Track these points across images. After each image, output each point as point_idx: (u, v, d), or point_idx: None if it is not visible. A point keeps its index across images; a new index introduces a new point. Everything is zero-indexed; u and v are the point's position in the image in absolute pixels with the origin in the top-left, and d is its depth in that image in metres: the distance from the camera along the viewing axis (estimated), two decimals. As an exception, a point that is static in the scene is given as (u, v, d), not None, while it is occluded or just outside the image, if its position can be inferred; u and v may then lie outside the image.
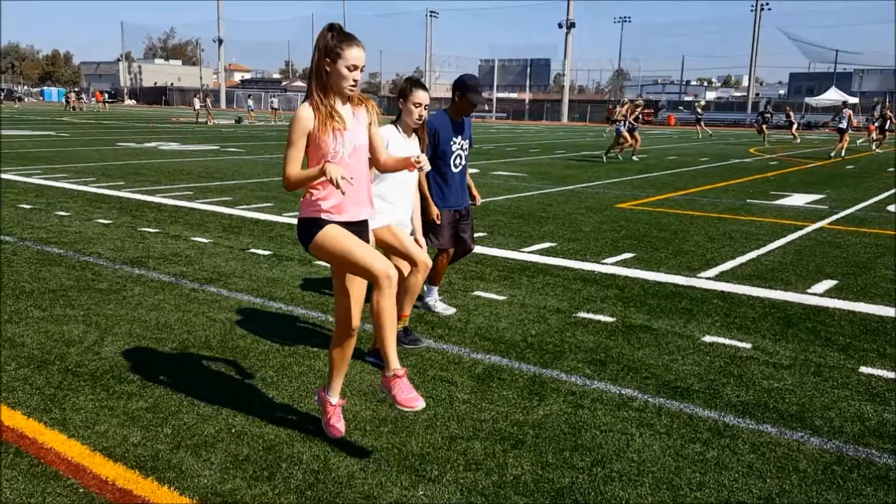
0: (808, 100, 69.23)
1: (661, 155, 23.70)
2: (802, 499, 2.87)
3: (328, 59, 2.96)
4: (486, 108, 67.44)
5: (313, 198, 3.06)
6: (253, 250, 7.17)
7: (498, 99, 77.11)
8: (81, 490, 2.80)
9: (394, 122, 4.26)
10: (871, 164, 21.56)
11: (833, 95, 66.71)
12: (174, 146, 21.94)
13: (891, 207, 11.73)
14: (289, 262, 6.74)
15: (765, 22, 55.59)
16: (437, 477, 2.97)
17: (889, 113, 26.36)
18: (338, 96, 3.04)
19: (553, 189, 13.23)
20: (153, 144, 22.33)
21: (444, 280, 5.92)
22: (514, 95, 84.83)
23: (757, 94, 76.20)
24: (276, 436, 3.30)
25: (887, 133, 26.59)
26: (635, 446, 3.28)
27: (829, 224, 9.87)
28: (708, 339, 4.81)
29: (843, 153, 23.85)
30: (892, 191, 14.26)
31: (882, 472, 3.09)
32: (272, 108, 49.87)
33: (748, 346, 4.69)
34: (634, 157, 20.81)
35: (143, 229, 8.11)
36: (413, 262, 4.24)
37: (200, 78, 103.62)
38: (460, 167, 4.87)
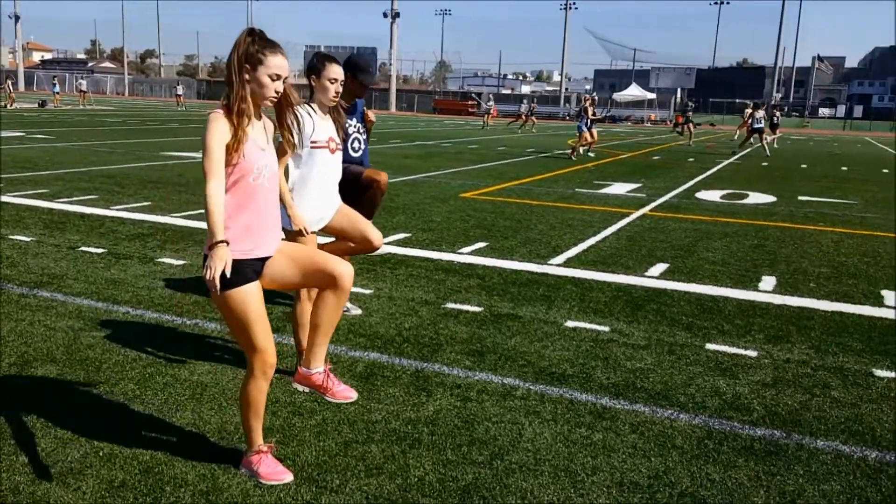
0: (614, 95, 74.59)
1: (492, 145, 24.51)
2: (686, 474, 3.07)
3: (248, 66, 2.64)
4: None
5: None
6: (84, 248, 6.52)
7: (324, 86, 75.71)
8: (-73, 540, 2.40)
9: (307, 102, 3.87)
10: (673, 154, 23.61)
11: (634, 91, 72.38)
12: (-36, 131, 19.48)
13: (698, 195, 12.89)
14: (127, 260, 6.20)
15: (574, 22, 59.26)
16: (338, 486, 2.86)
17: (776, 112, 28.04)
18: (255, 109, 2.70)
19: (396, 179, 13.22)
20: (-63, 129, 19.69)
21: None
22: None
23: (566, 89, 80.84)
24: (152, 456, 3.01)
25: (778, 130, 27.90)
26: (527, 435, 3.35)
27: (650, 211, 10.67)
28: (570, 323, 5.01)
29: (767, 150, 24.11)
30: (697, 179, 15.69)
31: (748, 443, 3.37)
32: (80, 91, 45.90)
33: (606, 329, 4.95)
34: (590, 153, 21.10)
35: (-56, 227, 7.12)
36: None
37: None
38: (360, 151, 4.58)
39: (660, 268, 6.86)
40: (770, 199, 12.59)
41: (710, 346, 4.71)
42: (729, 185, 14.62)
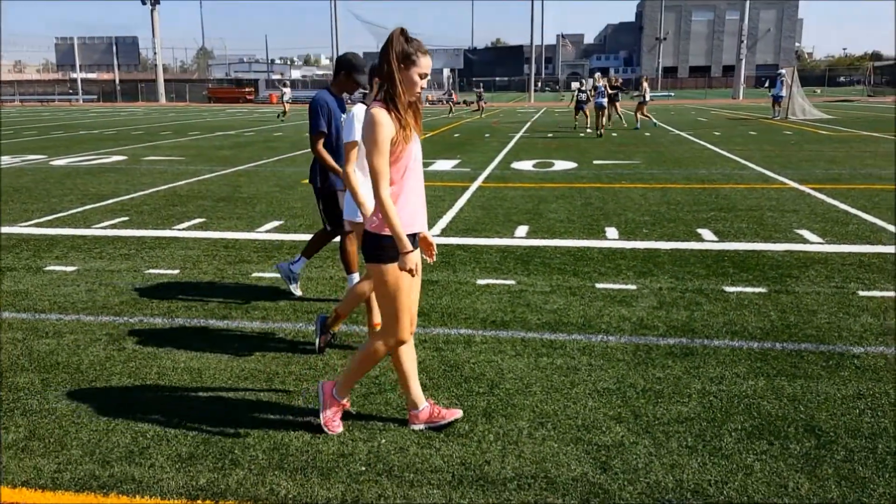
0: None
1: (296, 132, 24.44)
2: (639, 376, 3.88)
3: (402, 66, 2.95)
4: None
5: None
6: (-50, 266, 6.05)
7: (83, 80, 69.78)
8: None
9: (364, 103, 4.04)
10: (470, 131, 25.14)
11: (413, 72, 74.37)
12: None
13: (514, 165, 14.14)
14: (13, 272, 5.90)
15: (337, 4, 59.35)
16: (384, 426, 3.31)
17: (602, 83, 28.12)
18: (406, 103, 3.01)
19: (227, 171, 13.06)
20: None
21: (224, 263, 5.86)
22: (95, 76, 77.76)
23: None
24: (201, 430, 3.25)
25: (617, 107, 26.94)
26: (507, 367, 3.98)
27: (484, 183, 11.64)
28: (481, 281, 5.70)
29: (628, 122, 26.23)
30: (504, 152, 17.06)
31: (668, 350, 4.27)
32: None
33: (513, 282, 5.69)
34: (589, 129, 22.06)
35: None
36: None
37: None
38: None
39: (523, 229, 7.75)
40: (572, 165, 14.13)
41: (599, 285, 5.62)
42: (532, 155, 16.09)
